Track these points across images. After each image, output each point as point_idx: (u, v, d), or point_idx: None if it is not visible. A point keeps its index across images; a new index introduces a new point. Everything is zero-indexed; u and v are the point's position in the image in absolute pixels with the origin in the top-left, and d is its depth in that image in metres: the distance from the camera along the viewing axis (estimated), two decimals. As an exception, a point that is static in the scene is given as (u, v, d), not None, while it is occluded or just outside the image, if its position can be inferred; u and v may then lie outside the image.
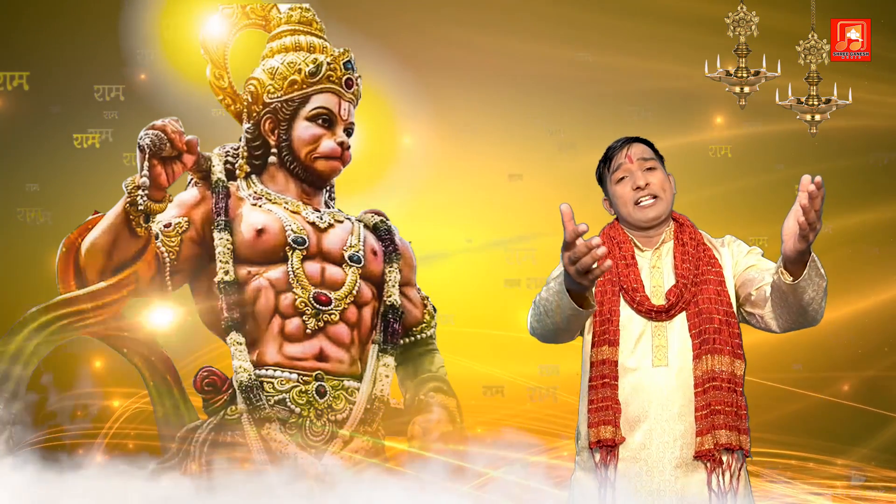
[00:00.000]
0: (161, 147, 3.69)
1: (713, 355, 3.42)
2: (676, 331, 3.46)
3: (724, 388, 3.40)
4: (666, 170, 3.61)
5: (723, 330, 3.44)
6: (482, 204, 6.35)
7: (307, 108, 4.08)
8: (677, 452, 3.39)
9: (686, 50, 6.11)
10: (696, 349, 3.43)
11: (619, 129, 3.92)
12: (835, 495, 6.02)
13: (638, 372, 3.43)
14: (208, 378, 3.91)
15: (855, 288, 6.31)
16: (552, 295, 3.29)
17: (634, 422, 3.40)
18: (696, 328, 3.44)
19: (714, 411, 3.38)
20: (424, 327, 4.23)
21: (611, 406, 3.41)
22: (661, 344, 3.45)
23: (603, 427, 3.41)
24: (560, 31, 6.37)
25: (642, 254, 3.56)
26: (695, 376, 3.42)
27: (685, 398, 3.41)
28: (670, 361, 3.44)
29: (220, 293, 3.90)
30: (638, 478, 3.39)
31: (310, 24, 4.23)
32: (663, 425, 3.40)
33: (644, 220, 3.53)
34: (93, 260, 3.84)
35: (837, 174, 6.18)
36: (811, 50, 5.64)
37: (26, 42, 6.19)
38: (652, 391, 3.41)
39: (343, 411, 3.91)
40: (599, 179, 3.64)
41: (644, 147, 3.59)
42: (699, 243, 3.55)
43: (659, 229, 3.57)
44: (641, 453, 3.40)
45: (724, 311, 3.47)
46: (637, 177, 3.53)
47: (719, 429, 3.37)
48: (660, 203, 3.53)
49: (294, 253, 3.95)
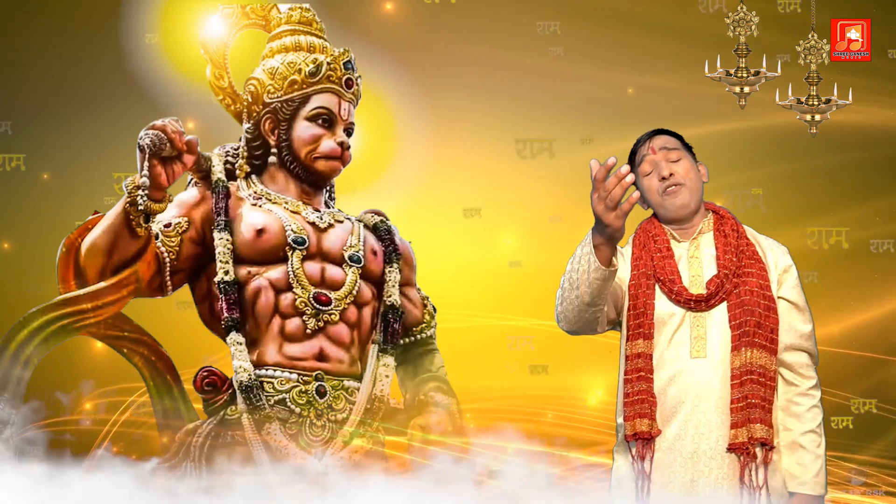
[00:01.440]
0: (161, 147, 3.69)
1: (752, 348, 3.41)
2: (716, 321, 3.45)
3: (760, 383, 3.40)
4: (695, 158, 3.60)
5: (763, 324, 3.43)
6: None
7: (307, 108, 4.08)
8: (712, 444, 3.40)
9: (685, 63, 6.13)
10: (734, 341, 3.42)
11: (618, 128, 3.93)
12: (834, 497, 6.02)
13: (675, 363, 3.44)
14: (208, 378, 3.91)
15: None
16: (577, 262, 3.30)
17: (671, 413, 3.41)
18: (737, 319, 3.43)
19: (750, 405, 3.38)
20: (424, 327, 4.23)
21: (646, 399, 3.42)
22: (699, 335, 3.44)
23: (639, 420, 3.42)
24: (560, 30, 6.37)
25: (679, 244, 3.55)
26: (732, 368, 3.41)
27: (722, 390, 3.41)
28: (708, 353, 3.43)
29: (220, 293, 3.89)
30: (672, 469, 3.40)
31: (310, 24, 4.23)
32: (699, 416, 3.40)
33: (672, 207, 3.53)
34: (93, 260, 3.84)
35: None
36: (811, 50, 5.64)
37: (25, 42, 6.19)
38: (689, 382, 3.42)
39: (343, 411, 3.91)
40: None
41: (668, 137, 3.59)
42: (741, 236, 3.54)
43: (693, 220, 3.56)
44: (676, 444, 3.41)
45: (766, 304, 3.46)
46: (661, 167, 3.53)
47: (754, 422, 3.37)
48: (684, 189, 3.52)
49: (294, 253, 3.94)
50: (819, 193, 6.59)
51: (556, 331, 3.61)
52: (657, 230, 3.56)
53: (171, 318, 4.70)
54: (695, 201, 3.54)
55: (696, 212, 3.55)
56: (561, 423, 6.48)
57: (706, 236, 3.54)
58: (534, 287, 6.17)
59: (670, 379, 3.41)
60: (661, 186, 3.51)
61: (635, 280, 3.51)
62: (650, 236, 3.55)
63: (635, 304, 3.48)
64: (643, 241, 3.55)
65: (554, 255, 5.47)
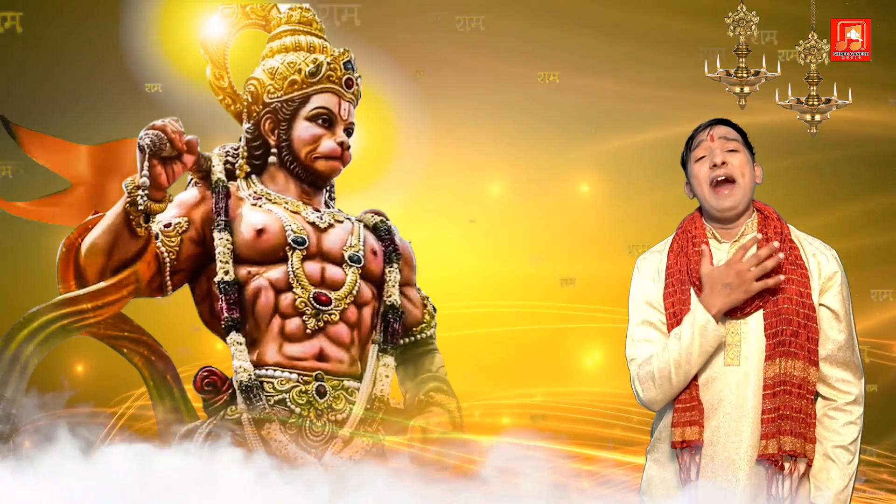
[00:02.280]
0: (161, 147, 3.69)
1: (787, 359, 3.32)
2: (752, 330, 3.38)
3: (795, 394, 3.31)
4: (754, 159, 3.53)
5: (800, 333, 3.34)
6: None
7: (307, 108, 4.08)
8: (742, 453, 3.34)
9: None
10: (769, 350, 3.34)
11: (617, 124, 3.92)
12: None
13: (709, 369, 3.37)
14: (208, 378, 3.91)
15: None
16: (687, 346, 3.32)
17: (704, 419, 3.37)
18: (772, 328, 3.35)
19: (782, 416, 3.30)
20: (424, 327, 4.23)
21: (696, 406, 3.37)
22: (733, 342, 3.37)
23: (689, 428, 3.36)
24: (560, 30, 6.37)
25: (720, 246, 3.48)
26: (765, 378, 3.34)
27: (755, 399, 3.34)
28: (742, 360, 3.38)
29: (220, 293, 3.89)
30: (704, 473, 3.36)
31: (310, 24, 4.23)
32: (731, 424, 3.35)
33: (718, 208, 3.45)
34: (93, 260, 3.84)
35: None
36: (811, 50, 5.64)
37: (26, 41, 6.19)
38: (722, 389, 3.36)
39: (343, 411, 3.91)
40: (683, 162, 3.57)
41: (729, 129, 3.50)
42: (785, 239, 3.45)
43: (739, 221, 3.49)
44: (708, 450, 3.36)
45: (805, 313, 3.36)
46: (716, 154, 3.43)
47: (785, 434, 3.30)
48: (737, 190, 3.43)
49: (294, 253, 3.94)
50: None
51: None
52: (698, 231, 3.46)
53: (172, 319, 4.70)
54: (744, 203, 3.42)
55: (744, 213, 3.47)
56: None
57: (749, 238, 3.44)
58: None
59: (703, 384, 3.35)
60: (712, 175, 3.41)
61: (670, 288, 3.45)
62: (689, 238, 3.45)
63: (673, 311, 3.42)
64: (681, 246, 3.47)
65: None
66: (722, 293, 3.31)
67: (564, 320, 6.65)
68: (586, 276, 6.64)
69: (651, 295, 3.48)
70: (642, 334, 3.45)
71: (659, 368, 3.35)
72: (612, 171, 6.65)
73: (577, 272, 6.71)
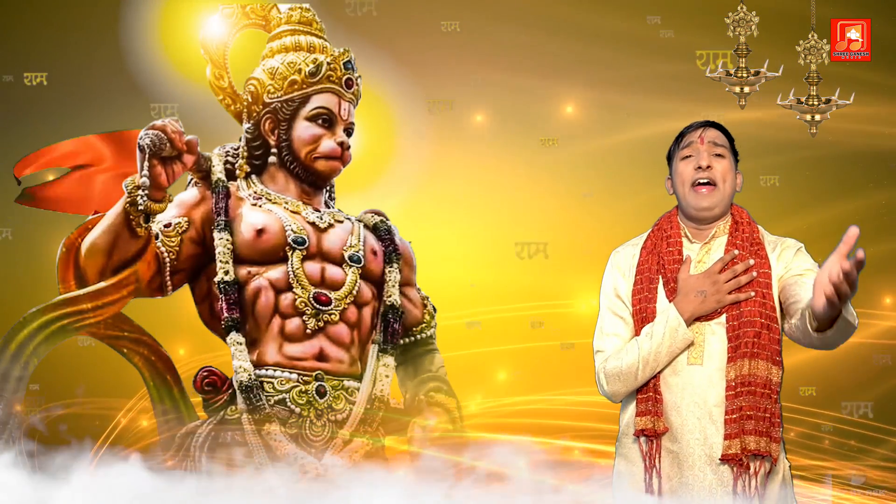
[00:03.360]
0: (161, 147, 3.69)
1: (749, 360, 3.38)
2: (715, 331, 3.43)
3: (758, 394, 3.36)
4: (737, 167, 3.58)
5: (762, 334, 3.39)
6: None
7: (307, 108, 4.08)
8: (708, 451, 3.38)
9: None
10: (731, 352, 3.40)
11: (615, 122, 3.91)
12: (834, 495, 6.01)
13: (673, 366, 3.43)
14: (208, 378, 3.91)
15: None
16: (657, 345, 3.36)
17: (666, 416, 3.40)
18: (734, 331, 3.41)
19: (745, 416, 3.35)
20: (424, 327, 4.23)
21: (653, 397, 3.42)
22: (697, 342, 3.43)
23: (645, 417, 3.41)
24: (560, 31, 6.37)
25: (690, 246, 3.53)
26: (727, 379, 3.39)
27: (717, 399, 3.39)
28: (704, 361, 3.42)
29: (220, 293, 3.89)
30: (671, 468, 3.39)
31: (310, 24, 4.23)
32: (694, 423, 3.39)
33: (696, 207, 3.50)
34: (93, 260, 3.84)
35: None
36: (811, 50, 5.64)
37: (24, 40, 6.19)
38: (684, 388, 3.41)
39: (343, 411, 3.91)
40: (669, 157, 3.61)
41: (719, 133, 3.56)
42: (753, 243, 3.50)
43: (713, 223, 3.54)
44: (673, 446, 3.40)
45: (767, 314, 3.42)
46: (702, 157, 3.49)
47: (748, 434, 3.34)
48: (716, 194, 3.49)
49: (294, 253, 3.94)
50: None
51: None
52: (673, 230, 3.53)
53: (172, 318, 4.70)
54: (721, 207, 3.49)
55: (719, 217, 3.52)
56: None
57: (719, 241, 3.50)
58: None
59: (666, 382, 3.41)
60: (695, 176, 3.47)
61: (639, 285, 3.50)
62: (664, 237, 3.53)
63: (638, 308, 3.48)
64: (654, 243, 3.54)
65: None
66: (695, 300, 3.40)
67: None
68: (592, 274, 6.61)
69: (621, 289, 3.57)
70: (611, 328, 3.53)
71: (627, 364, 3.43)
72: (608, 173, 6.65)
73: (578, 272, 6.71)
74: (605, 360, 3.50)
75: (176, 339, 4.81)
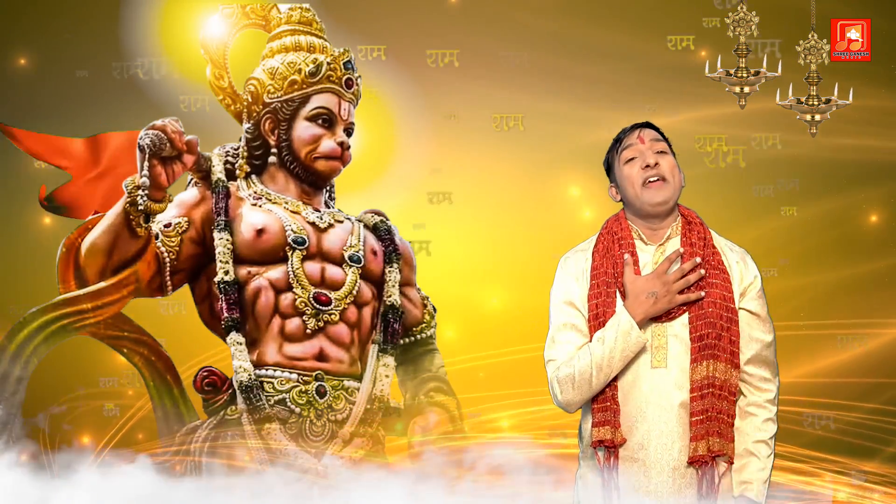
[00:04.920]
0: (161, 147, 3.69)
1: (712, 361, 3.40)
2: (677, 332, 3.44)
3: (718, 395, 3.39)
4: (677, 161, 3.59)
5: (723, 336, 3.42)
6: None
7: (307, 108, 4.08)
8: (675, 455, 3.39)
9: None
10: (694, 353, 3.41)
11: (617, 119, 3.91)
12: (835, 496, 6.02)
13: (636, 371, 3.42)
14: (208, 378, 3.91)
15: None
16: (610, 349, 3.35)
17: (632, 422, 3.40)
18: (697, 332, 3.42)
19: (710, 417, 3.37)
20: (424, 327, 4.23)
21: (610, 407, 3.41)
22: (660, 345, 3.43)
23: (604, 428, 3.40)
24: (560, 29, 6.37)
25: (645, 248, 3.53)
26: (692, 380, 3.40)
27: (682, 401, 3.40)
28: (669, 363, 3.42)
29: (220, 293, 3.90)
30: (636, 477, 3.39)
31: (310, 24, 4.23)
32: (661, 427, 3.40)
33: (651, 202, 3.49)
34: (93, 260, 3.84)
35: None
36: (811, 50, 5.64)
37: (24, 40, 6.19)
38: (649, 392, 3.41)
39: (343, 411, 3.91)
40: (607, 167, 3.61)
41: (656, 132, 3.58)
42: (708, 244, 3.52)
43: (665, 221, 3.53)
44: (640, 453, 3.40)
45: (728, 317, 3.44)
46: (647, 156, 3.50)
47: (713, 436, 3.36)
48: (667, 187, 3.50)
49: (294, 253, 3.95)
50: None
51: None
52: (624, 232, 3.50)
53: (171, 318, 4.70)
54: (673, 201, 3.50)
55: (671, 212, 3.53)
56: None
57: (673, 242, 3.50)
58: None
59: (631, 386, 3.39)
60: (644, 175, 3.47)
61: (595, 290, 3.48)
62: (615, 239, 3.50)
63: (596, 313, 3.45)
64: (607, 247, 3.51)
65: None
66: (646, 302, 3.39)
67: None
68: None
69: (574, 295, 3.51)
70: (563, 337, 3.47)
71: (580, 371, 3.39)
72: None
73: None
74: (556, 368, 3.44)
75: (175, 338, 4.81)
